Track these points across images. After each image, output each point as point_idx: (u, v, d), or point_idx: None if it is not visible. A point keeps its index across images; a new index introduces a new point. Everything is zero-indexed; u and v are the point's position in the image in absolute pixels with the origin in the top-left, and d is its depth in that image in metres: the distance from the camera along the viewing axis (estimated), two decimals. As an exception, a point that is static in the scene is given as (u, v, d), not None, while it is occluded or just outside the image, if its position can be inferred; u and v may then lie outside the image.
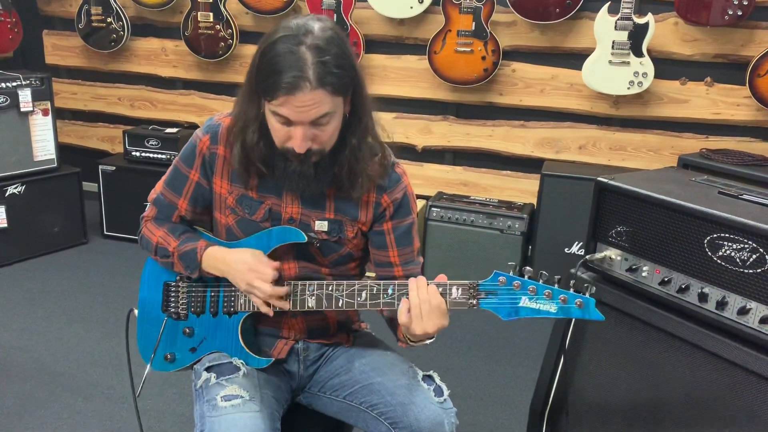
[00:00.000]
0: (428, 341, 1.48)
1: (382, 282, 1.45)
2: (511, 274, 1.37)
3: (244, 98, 1.45)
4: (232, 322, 1.57)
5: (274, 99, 1.33)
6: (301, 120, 1.34)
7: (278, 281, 1.50)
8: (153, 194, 1.67)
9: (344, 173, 1.47)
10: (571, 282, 1.38)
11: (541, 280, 1.36)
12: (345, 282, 1.48)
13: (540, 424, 2.01)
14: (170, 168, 1.64)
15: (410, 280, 1.41)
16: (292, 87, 1.30)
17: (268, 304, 1.50)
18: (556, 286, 1.36)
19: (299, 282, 1.51)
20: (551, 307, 1.34)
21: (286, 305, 1.50)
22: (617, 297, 1.78)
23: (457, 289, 1.39)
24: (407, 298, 1.39)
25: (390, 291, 1.44)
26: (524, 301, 1.36)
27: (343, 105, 1.40)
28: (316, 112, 1.34)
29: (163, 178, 1.66)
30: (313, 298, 1.49)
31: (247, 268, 1.48)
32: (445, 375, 1.59)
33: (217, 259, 1.53)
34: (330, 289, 1.48)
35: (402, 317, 1.39)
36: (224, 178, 1.56)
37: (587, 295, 1.35)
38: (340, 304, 1.48)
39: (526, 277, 1.36)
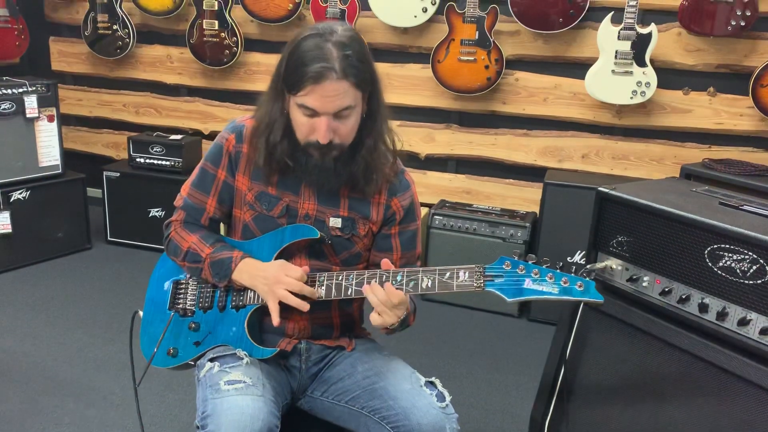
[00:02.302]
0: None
1: (390, 270, 1.49)
2: (516, 259, 1.43)
3: (268, 99, 1.55)
4: (239, 315, 1.61)
5: (301, 90, 1.42)
6: (326, 110, 1.43)
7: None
8: (179, 200, 1.72)
9: (360, 171, 1.56)
10: (573, 267, 1.42)
11: (544, 266, 1.42)
12: (354, 272, 1.53)
13: (540, 433, 2.01)
14: (196, 171, 1.70)
15: (364, 287, 1.48)
16: (319, 76, 1.40)
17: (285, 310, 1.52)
18: (558, 270, 1.41)
19: (309, 273, 1.55)
20: (553, 289, 1.40)
21: (305, 306, 1.51)
22: (618, 307, 1.79)
23: (464, 272, 1.45)
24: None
25: (399, 278, 1.47)
26: (528, 283, 1.41)
27: (361, 102, 1.49)
28: (340, 103, 1.43)
29: (188, 181, 1.71)
30: (323, 287, 1.54)
31: (278, 265, 1.55)
32: (446, 383, 1.60)
33: (245, 270, 1.57)
34: (339, 278, 1.52)
35: (375, 320, 1.47)
36: (245, 175, 1.63)
37: (587, 279, 1.40)
38: (349, 293, 1.51)
39: (530, 262, 1.42)
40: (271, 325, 1.65)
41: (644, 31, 3.20)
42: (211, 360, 1.56)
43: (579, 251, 3.25)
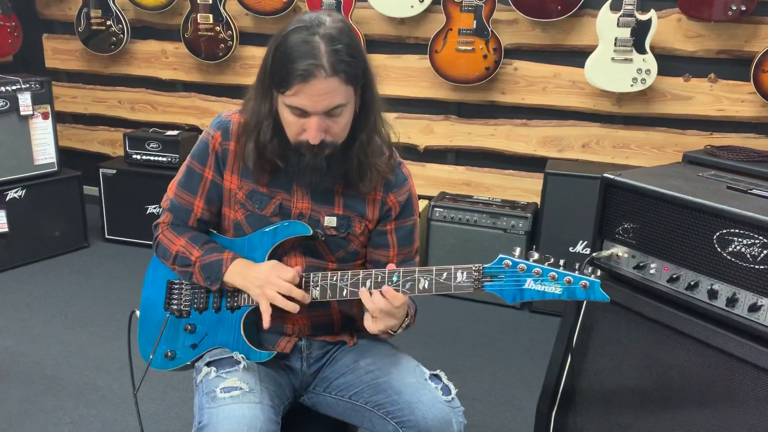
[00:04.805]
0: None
1: (386, 270, 1.44)
2: (516, 257, 1.36)
3: (255, 96, 1.47)
4: (234, 317, 1.57)
5: (288, 89, 1.35)
6: (316, 109, 1.36)
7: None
8: (165, 201, 1.67)
9: (354, 168, 1.50)
10: (576, 265, 1.36)
11: (546, 264, 1.35)
12: (349, 271, 1.48)
13: (547, 425, 1.98)
14: (182, 169, 1.64)
15: (361, 292, 1.43)
16: (307, 74, 1.32)
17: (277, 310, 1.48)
18: (561, 269, 1.34)
19: (303, 273, 1.51)
20: (556, 289, 1.34)
21: (295, 308, 1.47)
22: (625, 295, 1.76)
23: (462, 272, 1.39)
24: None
25: (395, 278, 1.43)
26: (529, 284, 1.35)
27: (354, 97, 1.42)
28: (330, 102, 1.36)
29: (175, 180, 1.66)
30: (318, 288, 1.50)
31: (270, 266, 1.50)
32: (450, 376, 1.57)
33: (237, 272, 1.53)
34: (334, 279, 1.48)
35: (369, 326, 1.44)
36: (234, 173, 1.57)
37: (592, 278, 1.34)
38: (344, 294, 1.47)
39: (531, 260, 1.36)
40: (270, 326, 1.62)
41: (644, 17, 3.16)
42: (208, 364, 1.53)
43: (581, 241, 3.22)
